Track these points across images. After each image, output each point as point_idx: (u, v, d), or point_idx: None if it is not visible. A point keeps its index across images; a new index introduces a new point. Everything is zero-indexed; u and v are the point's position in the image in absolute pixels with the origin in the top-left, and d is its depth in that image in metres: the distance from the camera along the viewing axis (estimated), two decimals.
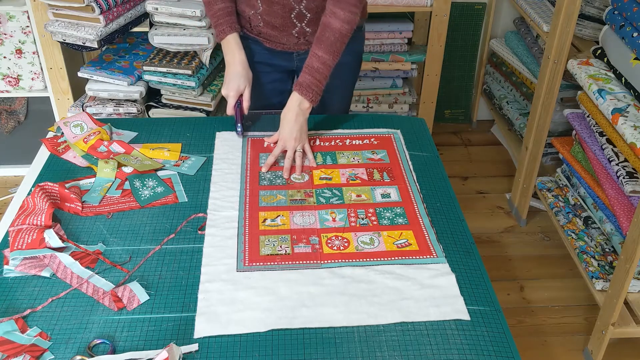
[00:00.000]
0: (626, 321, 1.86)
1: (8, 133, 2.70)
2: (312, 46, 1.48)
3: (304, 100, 1.47)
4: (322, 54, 1.46)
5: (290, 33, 1.57)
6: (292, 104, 1.48)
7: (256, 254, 1.20)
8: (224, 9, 1.53)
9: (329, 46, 1.46)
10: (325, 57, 1.46)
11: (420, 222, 1.30)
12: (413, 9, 2.44)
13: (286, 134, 1.46)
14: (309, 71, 1.47)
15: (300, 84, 1.47)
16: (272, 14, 1.53)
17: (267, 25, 1.57)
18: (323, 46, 1.46)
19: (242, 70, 1.53)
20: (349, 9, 1.44)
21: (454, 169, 2.87)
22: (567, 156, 2.22)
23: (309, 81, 1.47)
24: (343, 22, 1.44)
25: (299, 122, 1.47)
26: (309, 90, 1.46)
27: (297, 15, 1.52)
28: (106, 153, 1.45)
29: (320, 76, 1.47)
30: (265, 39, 1.62)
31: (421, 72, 2.69)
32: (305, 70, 1.48)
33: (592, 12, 2.33)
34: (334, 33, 1.45)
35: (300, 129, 1.47)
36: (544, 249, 2.42)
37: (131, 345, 1.01)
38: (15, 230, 1.19)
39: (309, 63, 1.47)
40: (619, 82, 1.93)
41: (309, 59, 1.48)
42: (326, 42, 1.46)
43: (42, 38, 2.32)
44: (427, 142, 1.59)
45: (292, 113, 1.47)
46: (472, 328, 1.06)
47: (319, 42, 1.46)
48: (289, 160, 1.45)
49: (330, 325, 1.05)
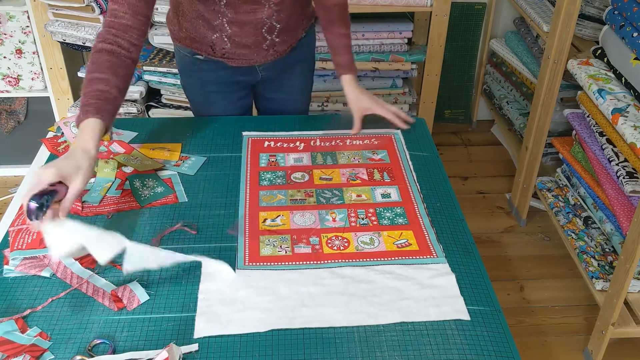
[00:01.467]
0: (626, 321, 1.86)
1: (8, 133, 2.70)
2: (328, 28, 1.57)
3: (354, 76, 1.59)
4: (343, 30, 1.56)
5: (261, 48, 1.55)
6: (352, 83, 1.58)
7: (256, 254, 1.20)
8: (101, 92, 1.23)
9: (344, 20, 1.56)
10: (346, 31, 1.57)
11: (420, 222, 1.30)
12: (413, 9, 2.43)
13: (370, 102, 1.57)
14: (344, 50, 1.58)
15: (346, 66, 1.58)
16: (243, 35, 1.50)
17: (235, 46, 1.53)
18: (339, 22, 1.56)
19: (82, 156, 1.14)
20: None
21: (454, 169, 2.87)
22: (567, 156, 2.22)
23: (349, 59, 1.58)
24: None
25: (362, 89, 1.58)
26: (353, 66, 1.59)
27: (268, 29, 1.51)
28: (106, 153, 1.45)
29: (350, 50, 1.59)
30: (230, 58, 1.57)
31: (421, 72, 2.68)
32: (339, 52, 1.58)
33: (592, 12, 2.33)
34: (340, 8, 1.55)
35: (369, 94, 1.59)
36: (544, 249, 2.42)
37: (131, 345, 1.01)
38: (15, 230, 1.19)
39: (338, 43, 1.57)
40: (619, 82, 1.93)
41: (335, 40, 1.57)
42: (339, 17, 1.56)
43: (42, 38, 2.33)
44: (427, 142, 1.59)
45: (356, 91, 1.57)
46: (472, 328, 1.06)
47: (333, 22, 1.56)
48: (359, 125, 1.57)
49: (330, 325, 1.05)
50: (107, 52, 1.27)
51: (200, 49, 1.56)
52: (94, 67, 1.26)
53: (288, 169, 1.45)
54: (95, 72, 1.25)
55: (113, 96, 1.25)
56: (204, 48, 1.55)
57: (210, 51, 1.55)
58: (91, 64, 1.27)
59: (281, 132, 1.59)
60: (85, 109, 1.21)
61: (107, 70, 1.25)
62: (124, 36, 1.28)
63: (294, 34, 1.60)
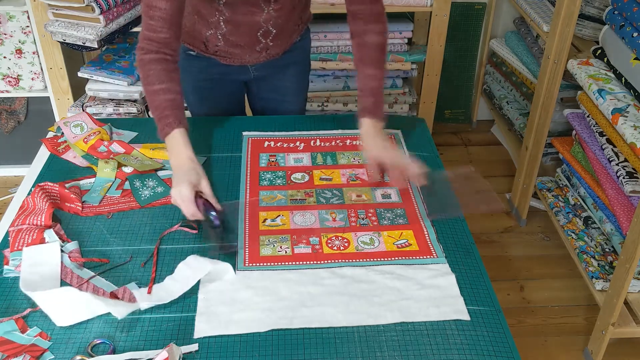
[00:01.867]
0: (626, 321, 1.86)
1: (8, 133, 2.70)
2: (358, 67, 1.45)
3: (377, 121, 1.42)
4: (372, 71, 1.43)
5: (254, 49, 1.55)
6: (369, 129, 1.41)
7: (256, 254, 1.20)
8: (172, 101, 1.32)
9: (375, 61, 1.44)
10: (377, 72, 1.44)
11: (420, 222, 1.30)
12: (413, 9, 2.44)
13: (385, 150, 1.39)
14: (369, 93, 1.43)
15: (366, 110, 1.42)
16: (238, 35, 1.50)
17: (229, 45, 1.53)
18: (370, 64, 1.43)
19: (192, 164, 1.28)
20: (379, 20, 1.45)
21: (454, 169, 2.87)
22: (567, 156, 2.22)
23: (372, 102, 1.43)
24: (378, 34, 1.44)
25: (382, 136, 1.41)
26: (377, 110, 1.43)
27: (263, 33, 1.50)
28: (106, 153, 1.45)
29: (379, 93, 1.44)
30: (222, 56, 1.57)
31: (421, 72, 2.68)
32: (363, 94, 1.43)
33: (592, 12, 2.33)
34: (374, 48, 1.44)
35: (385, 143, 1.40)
36: (544, 249, 2.42)
37: (131, 345, 1.01)
38: (15, 230, 1.19)
39: (364, 85, 1.44)
40: (619, 82, 1.93)
41: (362, 81, 1.44)
42: (371, 58, 1.44)
43: (42, 38, 2.32)
44: (427, 142, 1.59)
45: (371, 136, 1.41)
46: (472, 328, 1.06)
47: (364, 62, 1.44)
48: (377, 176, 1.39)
49: (330, 325, 1.05)
50: (157, 61, 1.31)
51: (193, 44, 1.56)
52: (152, 79, 1.31)
53: (288, 169, 1.45)
54: (156, 84, 1.31)
55: (180, 101, 1.33)
56: (196, 44, 1.55)
57: (203, 47, 1.55)
58: (147, 76, 1.32)
59: (281, 132, 1.60)
60: (166, 121, 1.30)
61: (165, 78, 1.31)
62: (165, 47, 1.32)
63: (289, 39, 1.60)
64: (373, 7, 1.44)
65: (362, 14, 1.44)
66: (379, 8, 1.45)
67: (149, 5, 1.29)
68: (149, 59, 1.31)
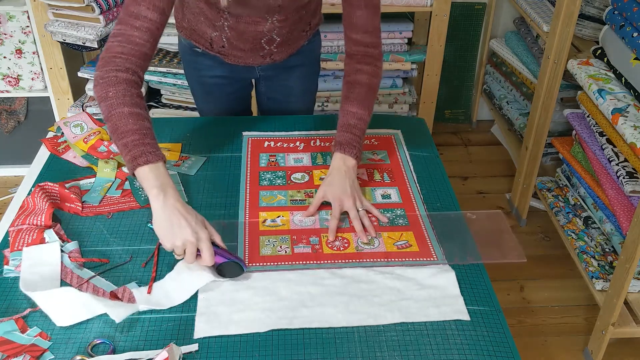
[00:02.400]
0: (626, 321, 1.86)
1: (8, 133, 2.70)
2: (342, 105, 1.39)
3: (348, 157, 1.33)
4: (356, 109, 1.37)
5: (258, 55, 1.54)
6: (336, 163, 1.33)
7: (256, 255, 1.20)
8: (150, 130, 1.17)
9: (361, 101, 1.38)
10: (360, 112, 1.37)
11: (420, 223, 1.30)
12: (413, 9, 2.44)
13: (339, 191, 1.29)
14: (346, 128, 1.36)
15: (339, 143, 1.35)
16: (241, 40, 1.49)
17: (233, 48, 1.52)
18: (355, 102, 1.37)
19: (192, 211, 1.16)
20: (374, 64, 1.40)
21: (454, 169, 2.87)
22: (567, 156, 2.22)
23: (348, 138, 1.35)
24: (370, 75, 1.39)
25: (350, 177, 1.32)
26: (350, 147, 1.34)
27: (267, 40, 1.49)
28: (106, 153, 1.45)
29: (358, 131, 1.36)
30: (227, 56, 1.56)
31: (421, 72, 2.68)
32: (341, 129, 1.37)
33: (592, 12, 2.33)
34: (362, 87, 1.38)
35: (353, 185, 1.31)
36: (544, 249, 2.42)
37: (131, 345, 1.01)
38: (15, 230, 1.19)
39: (344, 121, 1.37)
40: (619, 82, 1.93)
41: (342, 118, 1.38)
42: (357, 97, 1.38)
43: (42, 38, 2.33)
44: (427, 142, 1.59)
45: (338, 171, 1.32)
46: (472, 328, 1.06)
47: (349, 100, 1.38)
48: (336, 221, 1.26)
49: (330, 326, 1.05)
50: (133, 84, 1.19)
51: (199, 42, 1.56)
52: (129, 100, 1.17)
53: (288, 169, 1.45)
54: (134, 107, 1.17)
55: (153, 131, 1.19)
56: (202, 42, 1.55)
57: (209, 46, 1.55)
58: (123, 95, 1.17)
59: (281, 132, 1.60)
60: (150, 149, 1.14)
61: (141, 104, 1.19)
62: (143, 65, 1.22)
63: (295, 44, 1.59)
64: (370, 50, 1.40)
65: (358, 55, 1.41)
66: (376, 52, 1.41)
67: (133, 15, 1.19)
68: (124, 78, 1.18)
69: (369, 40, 1.40)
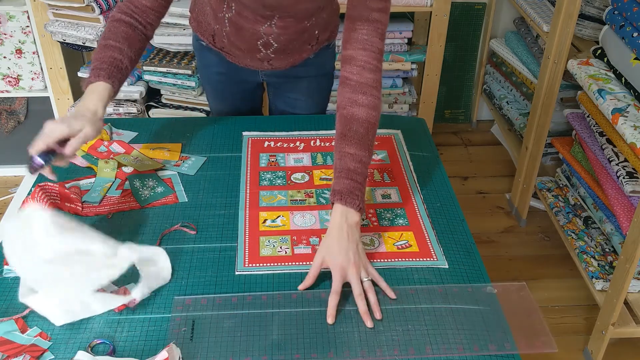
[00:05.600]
0: (626, 321, 1.86)
1: (8, 133, 2.70)
2: (337, 144, 1.20)
3: (350, 210, 1.13)
4: (355, 150, 1.18)
5: (255, 57, 1.53)
6: (337, 219, 1.13)
7: (256, 255, 1.20)
8: (116, 60, 1.24)
9: (360, 140, 1.18)
10: (359, 154, 1.18)
11: (420, 223, 1.30)
12: (413, 9, 2.44)
13: (340, 258, 1.09)
14: (345, 174, 1.16)
15: (339, 192, 1.15)
16: (239, 37, 1.48)
17: (231, 45, 1.52)
18: (353, 142, 1.18)
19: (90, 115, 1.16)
20: (371, 93, 1.21)
21: (454, 169, 2.87)
22: (567, 156, 2.22)
23: (348, 186, 1.15)
24: (368, 108, 1.20)
25: (353, 239, 1.12)
26: (352, 197, 1.14)
27: (264, 43, 1.48)
28: (106, 153, 1.45)
29: (359, 177, 1.17)
30: (228, 54, 1.57)
31: (421, 72, 2.69)
32: (339, 175, 1.17)
33: (592, 12, 2.33)
34: (361, 124, 1.19)
35: (357, 249, 1.11)
36: (544, 249, 2.42)
37: (131, 345, 1.01)
38: None
39: (342, 165, 1.17)
40: (619, 82, 1.93)
41: (339, 161, 1.18)
42: (355, 136, 1.18)
43: (42, 38, 2.33)
44: (427, 142, 1.59)
45: (339, 230, 1.12)
46: (472, 328, 1.06)
47: (346, 139, 1.19)
48: (336, 297, 1.07)
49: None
50: (125, 24, 1.29)
51: (203, 35, 1.57)
52: (110, 34, 1.27)
53: (288, 169, 1.45)
54: (110, 39, 1.27)
55: (124, 66, 1.26)
56: (206, 35, 1.56)
57: (212, 40, 1.56)
58: (108, 31, 1.29)
59: (281, 132, 1.60)
60: (97, 72, 1.22)
61: (122, 40, 1.27)
62: (142, 15, 1.30)
63: (295, 56, 1.56)
64: (366, 75, 1.21)
65: (353, 82, 1.22)
66: (373, 77, 1.22)
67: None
68: (118, 17, 1.29)
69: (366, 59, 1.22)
